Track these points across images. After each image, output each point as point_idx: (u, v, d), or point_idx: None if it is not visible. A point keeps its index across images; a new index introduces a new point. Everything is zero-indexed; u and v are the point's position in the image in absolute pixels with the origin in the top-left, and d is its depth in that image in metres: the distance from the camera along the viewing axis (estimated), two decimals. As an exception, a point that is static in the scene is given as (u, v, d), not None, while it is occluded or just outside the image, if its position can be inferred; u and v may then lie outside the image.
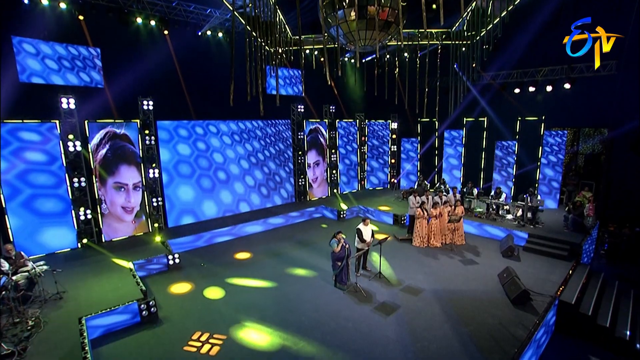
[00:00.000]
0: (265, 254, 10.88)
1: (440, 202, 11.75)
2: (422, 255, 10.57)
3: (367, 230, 9.15)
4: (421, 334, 6.80)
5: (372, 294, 8.30)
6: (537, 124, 14.17)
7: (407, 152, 18.83)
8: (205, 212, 13.56)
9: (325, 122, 17.44)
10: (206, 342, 6.37)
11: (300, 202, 16.54)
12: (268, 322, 7.27)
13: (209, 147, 13.62)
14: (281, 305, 7.78)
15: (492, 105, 15.73)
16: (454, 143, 17.01)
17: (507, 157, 15.19)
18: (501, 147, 15.27)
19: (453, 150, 17.06)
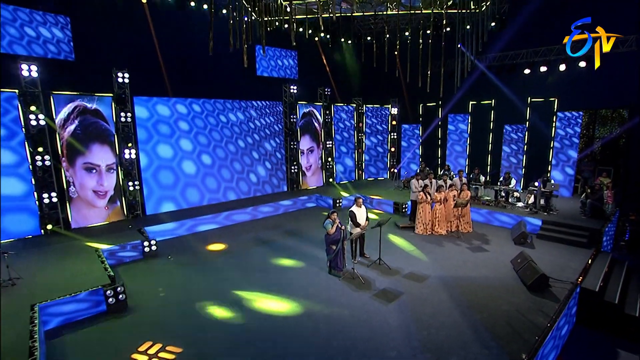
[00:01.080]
0: (253, 242, 10.37)
1: (445, 186, 11.21)
2: (426, 243, 10.07)
3: (361, 213, 8.58)
4: (427, 321, 6.23)
5: (371, 281, 7.76)
6: (550, 105, 13.70)
7: (407, 139, 18.37)
8: (188, 199, 12.94)
9: (320, 106, 16.94)
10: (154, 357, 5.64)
11: (292, 191, 15.96)
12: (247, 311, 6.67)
13: (192, 128, 13.01)
14: (269, 294, 7.20)
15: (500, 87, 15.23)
16: (458, 128, 16.55)
17: (517, 142, 14.71)
18: (510, 131, 14.79)
19: (457, 137, 16.61)
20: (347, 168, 18.32)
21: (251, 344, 5.69)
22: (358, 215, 8.50)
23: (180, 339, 5.82)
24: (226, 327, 6.17)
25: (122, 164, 11.32)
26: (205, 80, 13.39)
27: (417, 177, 11.44)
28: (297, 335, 5.91)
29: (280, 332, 6.01)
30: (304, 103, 16.31)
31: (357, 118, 18.30)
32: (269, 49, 15.22)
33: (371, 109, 18.64)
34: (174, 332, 6.03)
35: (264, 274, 8.25)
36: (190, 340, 5.80)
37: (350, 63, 18.56)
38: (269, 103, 15.46)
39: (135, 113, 11.61)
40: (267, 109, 15.39)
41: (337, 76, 17.97)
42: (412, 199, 11.42)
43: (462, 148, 16.33)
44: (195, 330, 6.06)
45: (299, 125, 16.08)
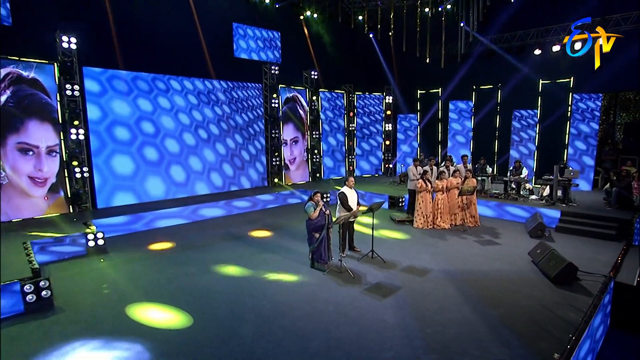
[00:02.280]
0: (222, 237, 9.52)
1: (448, 173, 10.49)
2: (427, 236, 9.34)
3: (353, 195, 7.82)
4: (432, 318, 5.37)
5: (361, 275, 6.94)
6: (564, 88, 13.19)
7: (404, 130, 17.86)
8: (149, 191, 11.98)
9: (306, 91, 16.23)
10: None
11: (273, 186, 15.09)
12: (213, 310, 5.74)
13: (156, 108, 12.13)
14: (236, 289, 6.33)
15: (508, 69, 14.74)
16: (461, 117, 15.98)
17: (527, 129, 14.15)
18: (519, 117, 14.25)
19: (460, 126, 16.05)
20: (336, 163, 17.56)
21: (202, 349, 4.74)
22: (349, 197, 7.76)
23: (110, 347, 4.84)
24: (169, 331, 5.22)
25: (68, 147, 10.32)
26: (172, 56, 12.54)
27: (415, 163, 10.69)
28: (265, 336, 4.99)
29: (242, 334, 5.08)
30: (288, 87, 15.59)
31: (348, 106, 17.69)
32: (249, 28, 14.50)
33: (363, 96, 18.10)
34: (103, 336, 5.05)
35: (233, 268, 7.38)
36: (123, 347, 4.82)
37: (340, 46, 17.94)
38: (247, 85, 14.76)
39: (85, 86, 10.68)
40: (244, 91, 14.68)
41: (324, 60, 17.34)
42: (410, 188, 10.68)
43: (465, 138, 15.77)
44: (131, 335, 5.09)
45: (281, 112, 15.29)
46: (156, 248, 8.74)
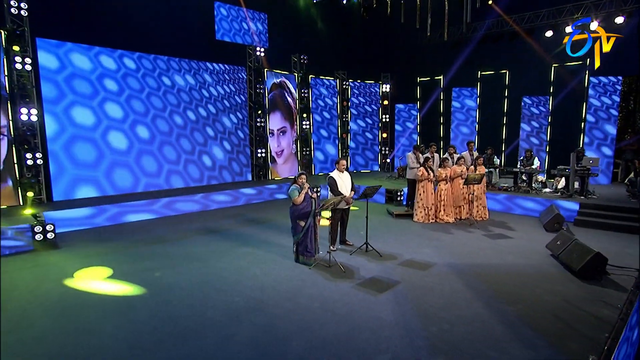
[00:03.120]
0: (196, 231, 8.94)
1: (452, 161, 9.93)
2: (428, 230, 8.81)
3: (345, 179, 7.24)
4: (437, 315, 4.73)
5: (354, 269, 6.35)
6: (580, 71, 12.73)
7: (402, 122, 17.36)
8: (116, 182, 11.26)
9: (295, 77, 15.68)
10: None
11: (259, 180, 14.45)
12: (169, 308, 5.06)
13: (123, 89, 11.44)
14: (204, 286, 5.75)
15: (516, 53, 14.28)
16: (465, 105, 15.55)
17: (538, 117, 13.67)
18: (530, 104, 13.77)
19: (464, 115, 15.60)
20: (329, 156, 16.96)
21: (151, 354, 4.05)
22: (340, 182, 7.16)
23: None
24: (113, 331, 4.52)
25: (17, 129, 9.58)
26: (143, 32, 11.85)
27: (415, 149, 10.11)
28: (234, 337, 4.31)
29: (206, 334, 4.39)
30: (274, 71, 15.00)
31: (341, 95, 17.17)
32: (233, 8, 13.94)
33: (358, 85, 17.61)
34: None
35: (203, 262, 6.78)
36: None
37: (332, 29, 17.40)
38: (229, 67, 14.18)
39: (39, 60, 9.97)
40: (226, 74, 14.08)
41: (315, 44, 16.75)
42: (410, 178, 10.11)
43: (470, 129, 15.32)
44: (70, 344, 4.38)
45: (267, 99, 14.71)
46: (117, 242, 8.05)
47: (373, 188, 7.15)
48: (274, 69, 15.03)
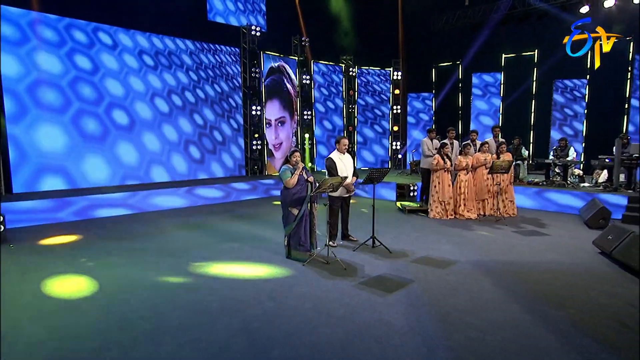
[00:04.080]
0: (175, 226, 8.29)
1: (474, 148, 9.18)
2: (447, 227, 8.13)
3: (346, 162, 6.61)
4: (462, 319, 3.93)
5: (357, 266, 5.63)
6: (621, 49, 11.91)
7: (416, 113, 16.86)
8: (87, 174, 10.61)
9: (295, 61, 15.07)
10: None
11: (253, 176, 13.79)
12: (129, 303, 4.32)
13: (98, 67, 10.84)
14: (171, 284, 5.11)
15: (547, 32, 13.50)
16: (487, 92, 14.82)
17: (573, 103, 12.85)
18: (562, 89, 12.97)
19: (486, 105, 14.87)
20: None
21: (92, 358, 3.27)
22: (340, 166, 6.50)
23: None
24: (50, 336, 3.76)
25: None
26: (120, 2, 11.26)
27: (430, 134, 9.35)
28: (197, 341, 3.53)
29: (158, 340, 3.62)
30: (272, 54, 14.39)
31: (347, 83, 16.59)
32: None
33: (366, 72, 17.05)
34: None
35: (177, 259, 6.08)
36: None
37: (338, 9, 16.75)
38: (221, 48, 13.63)
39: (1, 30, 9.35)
40: (217, 55, 13.52)
41: (319, 25, 16.12)
42: (424, 168, 9.35)
43: (493, 120, 14.53)
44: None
45: (264, 85, 14.08)
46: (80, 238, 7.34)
47: (380, 171, 6.41)
48: (272, 52, 14.37)
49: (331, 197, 6.55)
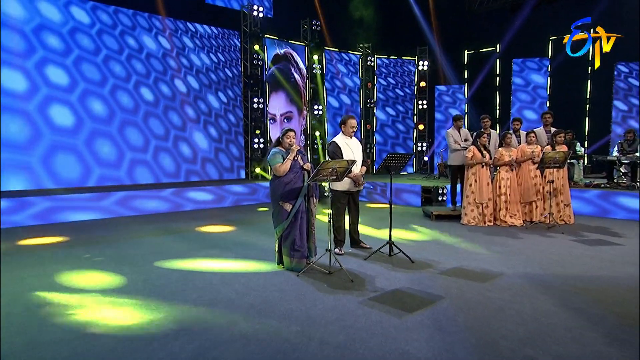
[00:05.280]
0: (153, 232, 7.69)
1: (519, 139, 8.39)
2: (485, 234, 7.24)
3: (354, 147, 5.90)
4: (517, 352, 2.99)
5: (367, 277, 4.82)
6: None
7: (445, 108, 16.04)
8: (57, 172, 10.02)
9: (305, 48, 14.52)
10: None
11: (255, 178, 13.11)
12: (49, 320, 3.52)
13: (71, 49, 10.30)
14: (123, 296, 4.33)
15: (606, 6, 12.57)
16: (530, 82, 14.16)
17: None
18: (627, 74, 12.02)
19: (529, 95, 14.14)
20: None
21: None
22: (347, 152, 5.77)
23: None
24: None
25: None
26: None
27: (457, 122, 8.51)
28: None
29: None
30: (277, 39, 13.88)
31: (365, 75, 16.07)
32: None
33: (387, 62, 16.60)
34: None
35: (136, 267, 5.36)
36: None
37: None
38: (218, 31, 13.17)
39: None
40: (213, 39, 13.04)
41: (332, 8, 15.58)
42: (453, 164, 8.50)
43: (537, 113, 13.67)
44: None
45: (267, 75, 13.56)
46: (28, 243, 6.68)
47: (400, 157, 5.53)
48: (277, 37, 13.84)
49: (335, 191, 5.75)
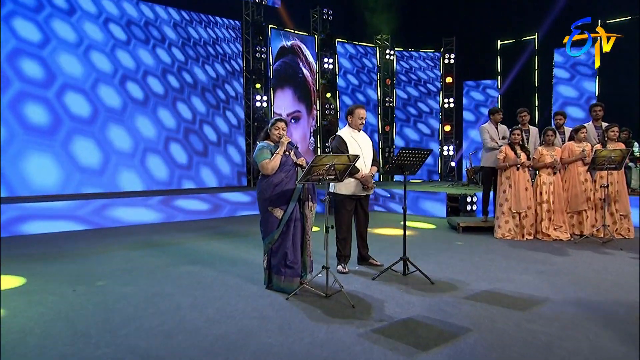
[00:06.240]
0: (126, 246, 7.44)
1: (560, 138, 7.86)
2: (524, 249, 6.67)
3: (363, 142, 5.46)
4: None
5: (373, 302, 4.34)
6: None
7: (475, 107, 15.95)
8: (30, 177, 9.75)
9: (315, 39, 14.55)
10: None
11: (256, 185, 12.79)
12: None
13: (48, 38, 10.12)
14: (65, 322, 3.86)
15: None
16: (575, 75, 13.78)
17: None
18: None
19: (575, 90, 13.73)
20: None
21: None
22: (354, 147, 5.31)
23: None
24: None
25: None
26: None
27: (494, 116, 8.03)
28: None
29: None
30: (283, 30, 13.96)
31: (383, 69, 16.10)
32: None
33: (408, 55, 16.63)
34: None
35: (92, 287, 4.96)
36: None
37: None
38: (216, 20, 13.24)
39: None
40: (211, 29, 13.07)
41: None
42: (486, 167, 8.03)
43: (583, 110, 13.32)
44: None
45: (272, 69, 13.59)
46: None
47: (416, 153, 5.01)
48: (284, 28, 13.98)
49: (339, 195, 5.25)
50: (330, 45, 14.63)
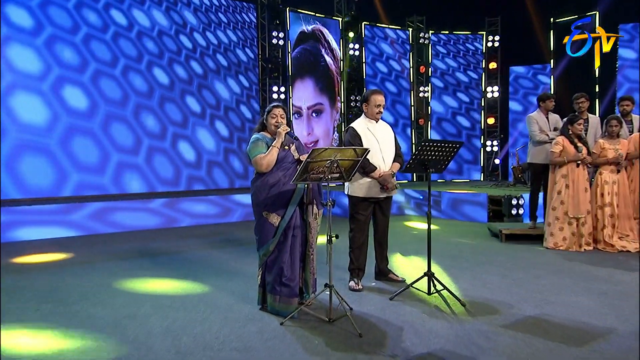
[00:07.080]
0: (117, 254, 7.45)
1: (627, 128, 7.48)
2: (581, 263, 6.36)
3: (381, 134, 5.18)
4: None
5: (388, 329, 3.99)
6: None
7: (523, 96, 15.75)
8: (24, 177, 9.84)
9: (339, 23, 14.56)
10: None
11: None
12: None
13: (42, 25, 10.17)
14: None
15: None
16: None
17: None
18: None
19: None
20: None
21: None
22: (370, 140, 5.06)
23: None
24: None
25: None
26: None
27: (545, 104, 7.73)
28: None
29: None
30: (303, 12, 13.95)
31: (417, 56, 16.20)
32: None
33: (445, 39, 16.50)
34: None
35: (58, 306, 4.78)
36: None
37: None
38: (228, 3, 13.41)
39: None
40: (222, 14, 13.09)
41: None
42: (535, 163, 7.68)
43: None
44: None
45: (291, 57, 13.61)
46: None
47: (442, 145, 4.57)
48: (304, 9, 13.97)
49: (352, 197, 4.94)
50: (356, 30, 14.78)
